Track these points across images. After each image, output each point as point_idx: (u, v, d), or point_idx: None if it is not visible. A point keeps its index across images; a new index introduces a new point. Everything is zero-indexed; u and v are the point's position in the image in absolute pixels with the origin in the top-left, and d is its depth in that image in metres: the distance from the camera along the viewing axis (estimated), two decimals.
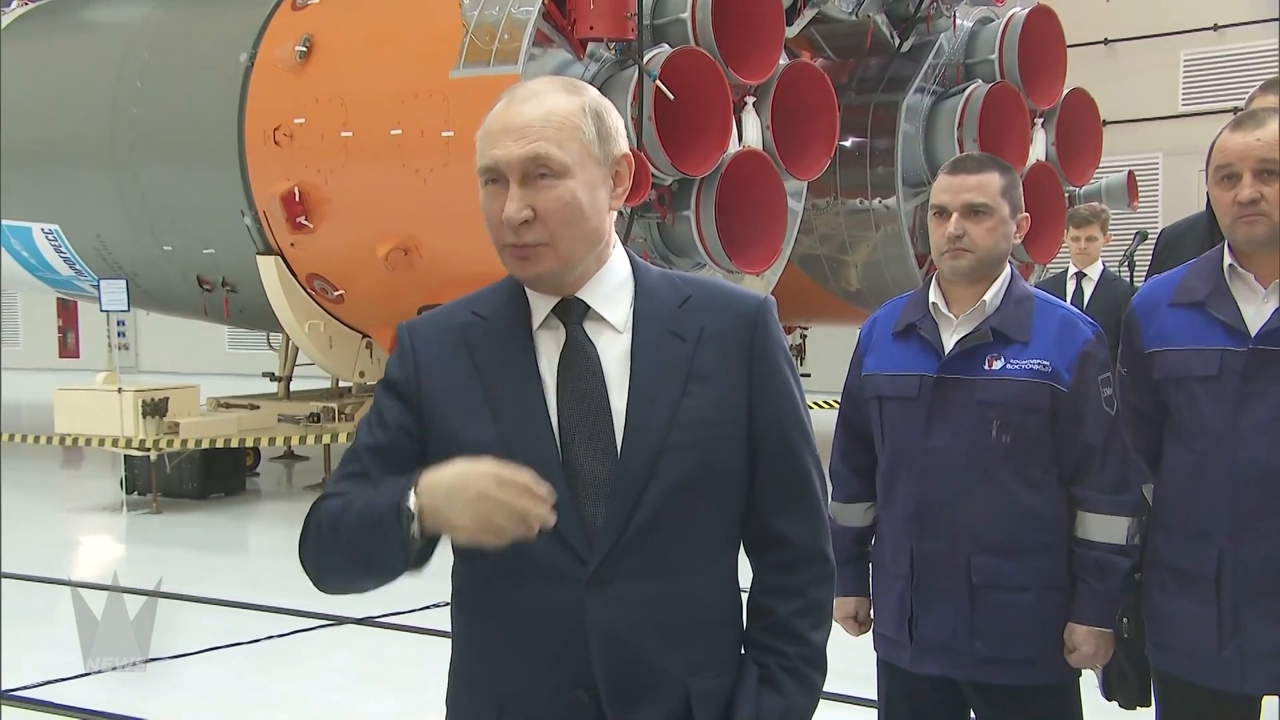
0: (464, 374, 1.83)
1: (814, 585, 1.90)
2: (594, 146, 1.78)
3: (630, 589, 1.78)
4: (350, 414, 10.80)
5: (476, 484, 1.64)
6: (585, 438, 1.78)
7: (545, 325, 1.84)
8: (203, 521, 9.80)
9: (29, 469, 12.34)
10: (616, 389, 1.80)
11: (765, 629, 1.89)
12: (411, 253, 9.12)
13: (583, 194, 1.76)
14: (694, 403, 1.80)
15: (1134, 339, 2.77)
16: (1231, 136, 2.62)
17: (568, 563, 1.77)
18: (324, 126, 9.31)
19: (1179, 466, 2.69)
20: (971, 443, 2.79)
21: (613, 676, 1.78)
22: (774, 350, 1.87)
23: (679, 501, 1.79)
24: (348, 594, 1.90)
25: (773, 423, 1.86)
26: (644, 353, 1.81)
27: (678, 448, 1.78)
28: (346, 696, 5.59)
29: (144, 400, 10.00)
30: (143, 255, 11.31)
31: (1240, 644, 2.59)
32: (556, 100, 1.77)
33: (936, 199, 2.87)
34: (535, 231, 1.75)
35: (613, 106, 1.86)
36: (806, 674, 1.88)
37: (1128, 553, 2.77)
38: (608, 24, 8.42)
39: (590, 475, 1.78)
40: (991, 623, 2.79)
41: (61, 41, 12.54)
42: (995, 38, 10.96)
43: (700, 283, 1.91)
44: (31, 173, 11.87)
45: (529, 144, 1.73)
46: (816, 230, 11.23)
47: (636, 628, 1.78)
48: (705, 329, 1.83)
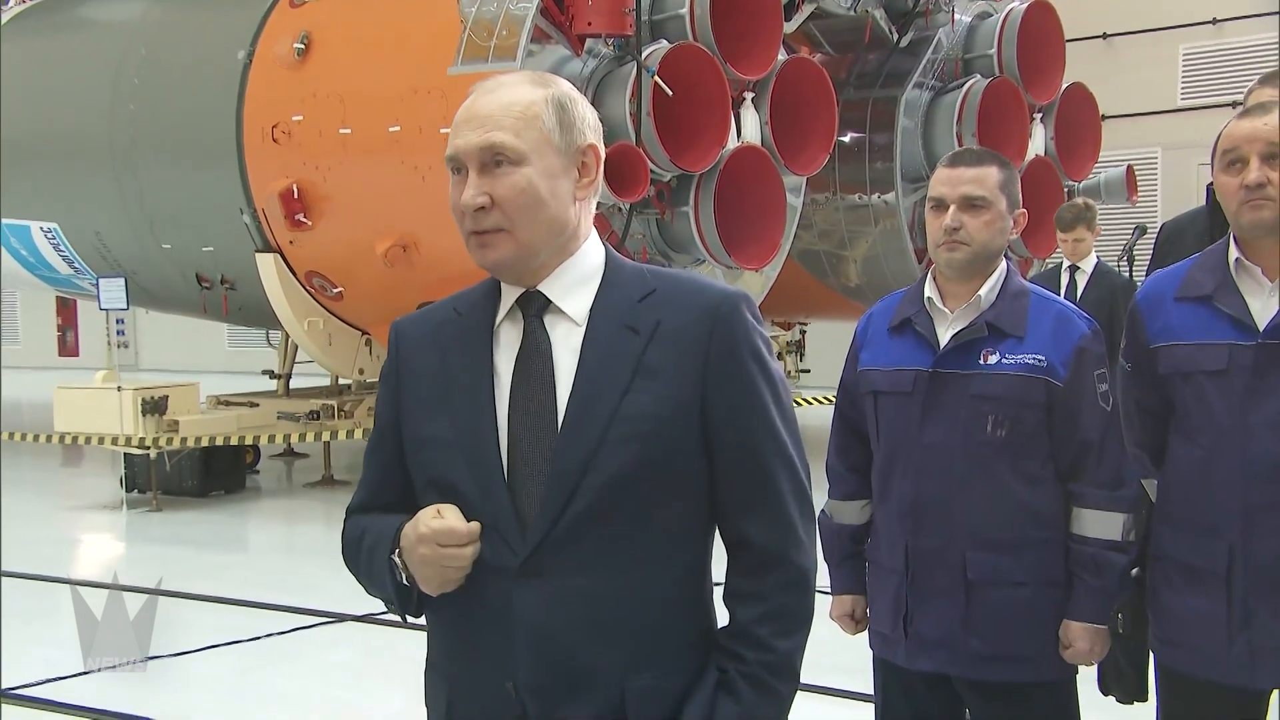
0: (433, 371, 1.89)
1: (780, 591, 1.84)
2: (554, 135, 1.79)
3: (562, 582, 1.77)
4: (350, 411, 10.81)
5: (417, 549, 1.79)
6: (530, 431, 1.80)
7: (509, 318, 1.87)
8: (203, 519, 9.80)
9: (29, 467, 12.35)
10: (565, 382, 1.81)
11: (727, 634, 1.87)
12: (410, 250, 9.12)
13: (540, 182, 1.78)
14: (640, 398, 1.78)
15: (1139, 334, 2.75)
16: (1238, 123, 2.61)
17: (501, 554, 1.79)
18: (322, 123, 9.31)
19: (1186, 462, 2.67)
20: (967, 437, 2.78)
21: (537, 671, 1.78)
22: (736, 348, 1.83)
23: (618, 496, 1.77)
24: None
25: (731, 423, 1.82)
26: (594, 346, 1.81)
27: (618, 441, 1.77)
28: (348, 693, 5.60)
29: (143, 398, 10.01)
30: (142, 253, 11.31)
31: (1250, 638, 2.57)
32: (518, 91, 1.81)
33: (934, 191, 2.87)
34: (493, 218, 1.78)
35: (583, 99, 1.88)
36: (768, 682, 1.83)
37: (1124, 549, 2.76)
38: (606, 20, 8.41)
39: (532, 468, 1.79)
40: (987, 619, 2.78)
41: (60, 39, 12.54)
42: (994, 32, 10.96)
43: (671, 277, 1.90)
44: (30, 171, 11.87)
45: (485, 133, 1.77)
46: (815, 226, 11.23)
47: (567, 622, 1.78)
48: (662, 323, 1.82)
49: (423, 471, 1.88)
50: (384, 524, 1.89)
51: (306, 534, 9.53)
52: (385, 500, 1.95)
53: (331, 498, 10.41)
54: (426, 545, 1.77)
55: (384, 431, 1.96)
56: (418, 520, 1.79)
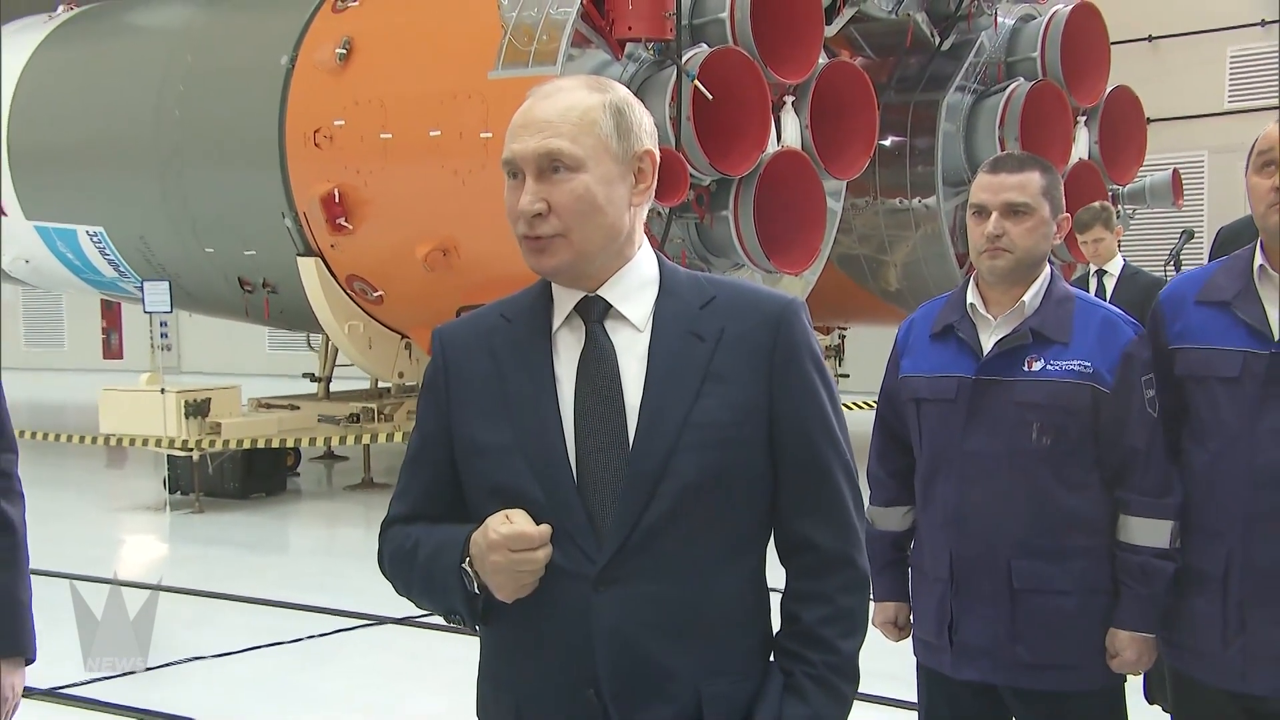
0: (486, 378, 1.87)
1: (842, 592, 1.87)
2: (611, 141, 1.79)
3: (639, 589, 1.78)
4: (389, 414, 10.86)
5: (489, 557, 1.77)
6: (599, 437, 1.80)
7: (567, 324, 1.86)
8: (244, 521, 9.89)
9: (75, 468, 12.51)
10: (632, 388, 1.80)
11: (792, 636, 1.88)
12: (450, 254, 9.16)
13: (597, 188, 1.77)
14: (710, 403, 1.79)
15: (1159, 334, 2.73)
16: (1275, 126, 2.58)
17: (576, 562, 1.78)
18: (364, 128, 9.37)
19: (1193, 465, 2.67)
20: (1011, 445, 2.76)
21: (618, 677, 1.78)
22: (798, 353, 1.85)
23: (691, 502, 1.78)
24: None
25: (795, 427, 1.84)
26: (662, 352, 1.81)
27: (691, 448, 1.78)
28: (388, 696, 5.62)
29: (186, 401, 10.11)
30: (185, 257, 11.43)
31: (1245, 644, 2.57)
32: (576, 96, 1.80)
33: (976, 198, 2.85)
34: (549, 224, 1.77)
35: (640, 105, 1.87)
36: (834, 683, 1.85)
37: (1171, 556, 2.72)
38: (646, 24, 8.40)
39: (603, 474, 1.79)
40: (1033, 627, 2.76)
41: (106, 45, 12.70)
42: (1037, 35, 10.86)
43: (728, 285, 1.90)
44: (77, 175, 12.03)
45: (543, 139, 1.76)
46: (855, 230, 11.17)
47: (645, 628, 1.78)
48: (726, 330, 1.83)
49: (483, 480, 1.86)
50: (443, 534, 1.87)
51: (346, 536, 9.60)
52: (432, 511, 1.93)
53: (371, 500, 10.47)
54: (499, 552, 1.75)
55: (430, 440, 1.93)
56: (486, 527, 1.78)
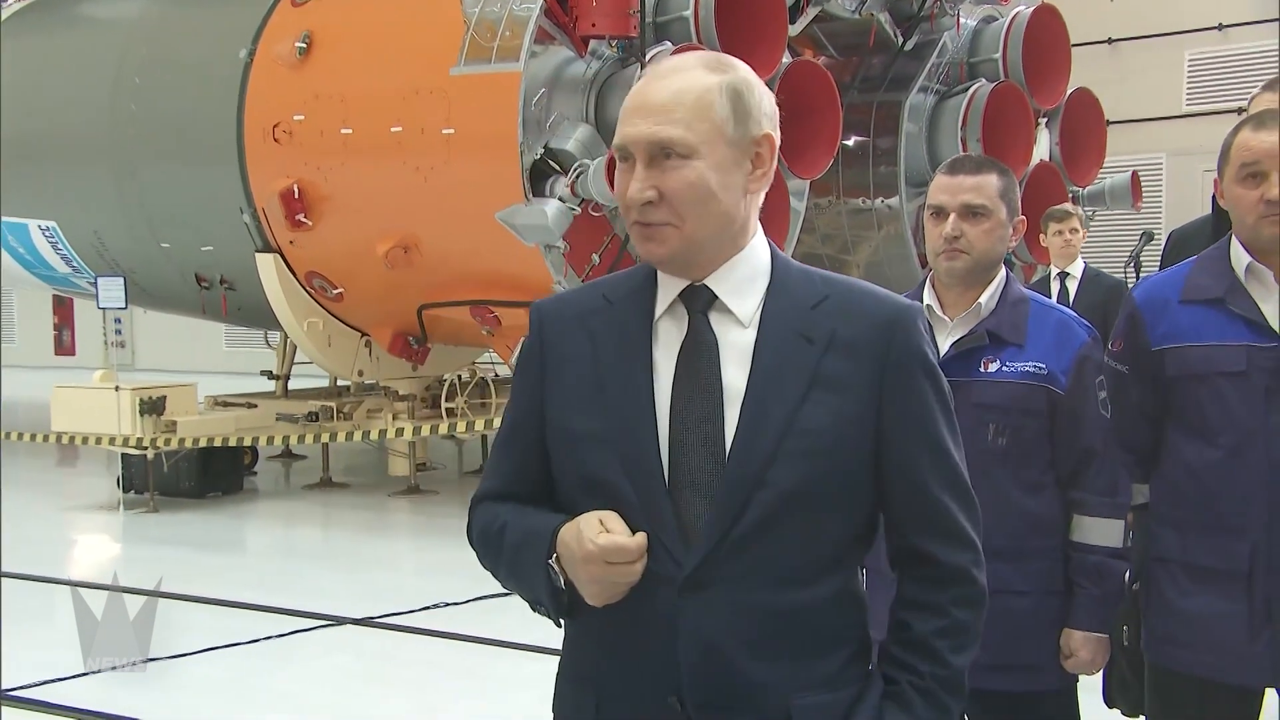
0: (582, 361, 1.79)
1: (958, 605, 1.80)
2: (728, 126, 1.71)
3: (729, 596, 1.70)
4: (348, 413, 10.77)
5: (585, 567, 1.70)
6: (695, 435, 1.72)
7: (669, 312, 1.77)
8: (200, 520, 9.78)
9: (25, 467, 12.31)
10: (734, 387, 1.72)
11: (901, 644, 1.80)
12: (411, 251, 9.10)
13: (711, 175, 1.70)
14: (814, 410, 1.71)
15: (1139, 337, 2.74)
16: (1256, 135, 2.60)
17: (663, 564, 1.71)
18: (324, 123, 9.29)
19: (1200, 462, 2.67)
20: (968, 446, 2.72)
21: (702, 686, 1.71)
22: (911, 361, 1.76)
23: (789, 511, 1.70)
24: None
25: (901, 444, 1.76)
26: (767, 352, 1.73)
27: (791, 455, 1.69)
28: (347, 696, 5.57)
29: (141, 398, 9.99)
30: (141, 252, 11.30)
31: (1274, 636, 2.59)
32: (692, 78, 1.72)
33: (934, 199, 2.85)
34: (660, 211, 1.70)
35: (762, 85, 1.79)
36: (940, 697, 1.77)
37: (1124, 555, 2.77)
38: (610, 21, 8.39)
39: (696, 475, 1.71)
40: (990, 628, 2.72)
41: (60, 37, 12.52)
42: (999, 36, 10.91)
43: (843, 284, 1.81)
44: (29, 169, 11.85)
45: (655, 125, 1.69)
46: (819, 230, 11.20)
47: (732, 638, 1.70)
48: (837, 333, 1.74)
49: (574, 468, 1.79)
50: (531, 520, 1.81)
51: (304, 536, 9.49)
52: (521, 490, 1.87)
53: (329, 500, 10.38)
54: (595, 564, 1.68)
55: (522, 418, 1.86)
56: (580, 534, 1.70)
